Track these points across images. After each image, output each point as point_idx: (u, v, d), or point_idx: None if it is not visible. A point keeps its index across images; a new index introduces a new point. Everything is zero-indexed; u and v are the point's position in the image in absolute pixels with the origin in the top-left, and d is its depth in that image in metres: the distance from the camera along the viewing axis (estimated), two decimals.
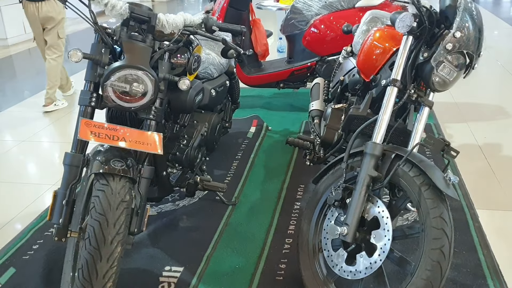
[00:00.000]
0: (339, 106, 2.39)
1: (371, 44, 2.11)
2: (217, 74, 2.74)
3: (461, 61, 1.79)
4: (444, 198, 1.62)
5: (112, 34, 1.86)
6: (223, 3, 3.73)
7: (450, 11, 1.78)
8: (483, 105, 4.10)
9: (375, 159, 1.74)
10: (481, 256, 2.12)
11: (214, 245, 2.26)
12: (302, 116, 3.88)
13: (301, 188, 2.78)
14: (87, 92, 1.81)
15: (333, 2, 3.57)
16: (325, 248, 1.86)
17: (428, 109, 1.88)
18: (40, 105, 4.39)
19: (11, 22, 7.03)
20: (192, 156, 2.31)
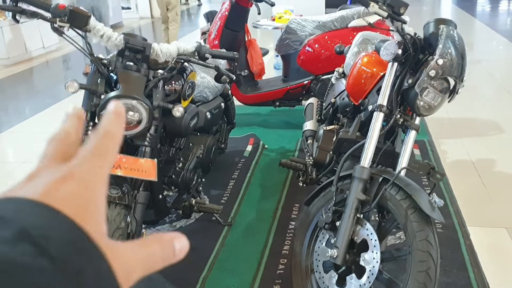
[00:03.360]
0: (330, 128, 2.45)
1: (359, 69, 2.18)
2: (212, 97, 2.80)
3: (445, 86, 1.85)
4: (430, 221, 1.67)
5: (108, 64, 1.93)
6: (219, 24, 3.81)
7: (433, 38, 1.84)
8: (477, 121, 4.16)
9: (363, 182, 1.80)
10: (471, 275, 2.16)
11: (210, 267, 2.31)
12: (298, 134, 3.93)
13: (296, 208, 2.82)
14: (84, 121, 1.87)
15: (327, 22, 3.65)
16: (317, 270, 1.91)
17: (415, 132, 1.94)
18: (42, 124, 4.46)
19: (12, 42, 7.14)
20: (188, 178, 2.36)
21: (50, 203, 0.29)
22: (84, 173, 0.32)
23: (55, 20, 1.85)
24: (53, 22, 1.86)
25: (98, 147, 0.34)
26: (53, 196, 0.29)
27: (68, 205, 0.29)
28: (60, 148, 0.35)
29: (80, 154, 0.33)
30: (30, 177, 0.33)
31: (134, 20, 11.76)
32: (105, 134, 0.35)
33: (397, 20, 1.81)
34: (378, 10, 1.77)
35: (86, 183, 0.31)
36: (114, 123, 0.36)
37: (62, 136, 0.36)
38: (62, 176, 0.31)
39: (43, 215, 0.28)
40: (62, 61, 7.70)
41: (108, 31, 1.93)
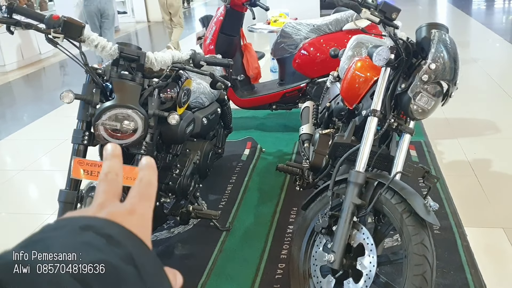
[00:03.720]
0: (326, 132, 2.46)
1: (353, 74, 2.19)
2: (208, 103, 2.81)
3: (438, 89, 1.86)
4: (426, 225, 1.68)
5: (103, 74, 1.94)
6: (215, 29, 3.82)
7: (425, 42, 1.85)
8: (473, 120, 4.17)
9: (359, 187, 1.81)
10: (469, 276, 2.18)
11: (208, 273, 2.31)
12: (295, 137, 3.94)
13: (294, 211, 2.83)
14: (80, 131, 1.88)
15: (321, 25, 3.67)
16: (315, 274, 1.92)
17: (409, 136, 1.95)
18: (39, 131, 4.47)
19: (8, 49, 7.15)
20: (185, 184, 2.37)
21: (126, 228, 0.40)
22: (141, 210, 0.44)
23: (50, 31, 1.86)
24: (47, 33, 1.87)
25: (145, 193, 0.46)
26: (125, 223, 0.41)
27: (135, 230, 0.40)
28: (112, 188, 0.46)
29: (134, 195, 0.45)
30: (100, 206, 0.43)
31: (130, 24, 11.77)
32: (147, 183, 0.47)
33: (389, 25, 1.82)
34: (370, 16, 1.78)
35: (144, 217, 0.44)
36: (152, 174, 0.48)
37: (113, 177, 0.47)
38: (128, 210, 0.43)
39: (130, 238, 0.39)
40: (59, 67, 7.72)
41: (103, 41, 1.94)
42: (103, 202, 0.44)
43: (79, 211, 0.43)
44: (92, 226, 0.38)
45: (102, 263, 0.34)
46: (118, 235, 0.38)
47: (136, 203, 0.44)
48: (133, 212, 0.43)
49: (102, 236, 0.37)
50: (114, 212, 0.42)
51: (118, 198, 0.46)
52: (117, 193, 0.46)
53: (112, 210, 0.42)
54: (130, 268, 0.36)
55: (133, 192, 0.45)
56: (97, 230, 0.37)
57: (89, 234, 0.36)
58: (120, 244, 0.37)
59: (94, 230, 0.37)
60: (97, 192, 0.46)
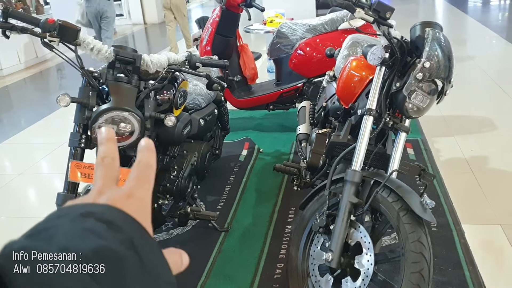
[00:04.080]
0: (323, 131, 2.47)
1: (349, 73, 2.20)
2: (205, 104, 2.82)
3: (433, 88, 1.87)
4: (422, 223, 1.69)
5: (99, 77, 1.94)
6: (211, 30, 3.82)
7: (419, 41, 1.86)
8: (470, 118, 4.18)
9: (355, 186, 1.82)
10: (467, 273, 2.18)
11: (207, 273, 2.32)
12: (292, 137, 3.94)
13: (292, 211, 2.84)
14: (77, 134, 1.89)
15: (317, 25, 3.67)
16: (313, 273, 1.92)
17: (405, 134, 1.96)
18: (37, 135, 4.47)
19: (5, 53, 7.15)
20: (182, 186, 2.37)
21: (126, 212, 0.41)
22: (140, 193, 0.44)
23: (45, 35, 1.87)
24: (43, 37, 1.87)
25: (144, 175, 0.46)
26: (125, 207, 0.41)
27: (134, 214, 0.41)
28: (109, 173, 0.46)
29: (132, 179, 0.45)
30: (98, 193, 0.44)
31: (127, 26, 11.78)
32: (146, 164, 0.47)
33: (383, 24, 1.83)
34: (364, 15, 1.79)
35: (143, 200, 0.44)
36: (151, 156, 0.48)
37: (109, 161, 0.47)
38: (126, 193, 0.44)
39: (130, 222, 0.40)
40: (56, 70, 7.72)
41: (98, 44, 1.94)
42: (101, 188, 0.44)
43: (80, 199, 0.43)
44: (92, 212, 0.38)
45: (103, 249, 0.35)
46: (118, 221, 0.39)
47: (135, 187, 0.44)
48: (132, 196, 0.43)
49: (103, 222, 0.37)
50: (113, 198, 0.42)
51: (116, 183, 0.46)
52: (115, 177, 0.46)
53: (111, 196, 0.43)
54: (130, 253, 0.36)
55: (131, 175, 0.46)
56: (97, 217, 0.38)
57: (90, 221, 0.37)
58: (120, 230, 0.38)
59: (95, 216, 0.38)
60: (95, 178, 0.46)
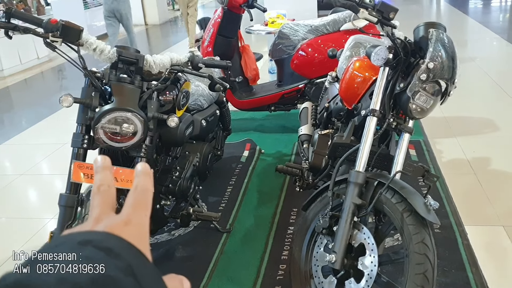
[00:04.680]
0: (325, 132, 2.46)
1: (352, 74, 2.19)
2: (207, 105, 2.81)
3: (437, 88, 1.86)
4: (426, 224, 1.69)
5: (101, 77, 1.94)
6: (212, 31, 3.82)
7: (423, 42, 1.86)
8: (472, 119, 4.18)
9: (359, 187, 1.81)
10: (470, 274, 2.18)
11: (209, 275, 2.31)
12: (294, 138, 3.94)
13: (294, 212, 2.83)
14: (79, 134, 1.88)
15: (319, 26, 3.67)
16: (316, 275, 1.92)
17: (409, 135, 1.95)
18: (38, 136, 4.47)
19: (6, 54, 7.15)
20: (184, 187, 2.37)
21: (125, 239, 0.40)
22: (137, 219, 0.44)
23: (48, 35, 1.86)
24: (46, 37, 1.87)
25: (141, 200, 0.46)
26: (123, 234, 0.41)
27: (132, 241, 0.41)
28: (106, 200, 0.46)
29: (129, 205, 0.45)
30: (96, 220, 0.44)
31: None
32: (142, 189, 0.47)
33: (387, 25, 1.82)
34: (368, 16, 1.78)
35: (140, 226, 0.44)
36: (147, 181, 0.48)
37: (106, 189, 0.47)
38: (124, 220, 0.43)
39: (128, 249, 0.40)
40: (57, 71, 7.71)
41: (101, 45, 1.94)
42: (98, 215, 0.44)
43: (77, 228, 0.43)
44: (90, 240, 0.38)
45: (102, 278, 0.34)
46: (117, 247, 0.38)
47: (132, 213, 0.44)
48: (130, 223, 0.43)
49: (101, 249, 0.37)
50: (111, 225, 0.42)
51: (113, 210, 0.46)
52: (111, 204, 0.46)
53: (109, 223, 0.42)
54: (129, 280, 0.36)
55: (128, 201, 0.46)
56: (96, 244, 0.38)
57: (88, 249, 0.37)
58: (119, 256, 0.37)
59: (93, 244, 0.37)
60: (92, 206, 0.46)
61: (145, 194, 0.47)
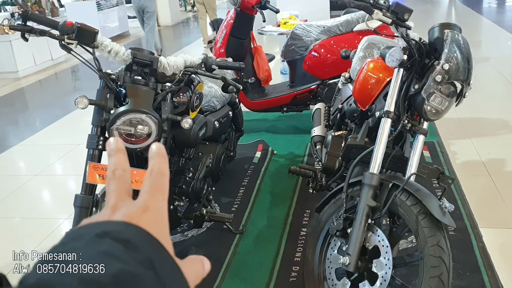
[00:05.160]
0: (339, 133, 2.45)
1: (366, 75, 2.18)
2: (220, 106, 2.82)
3: (452, 90, 1.85)
4: (441, 226, 1.67)
5: (116, 79, 1.95)
6: (225, 32, 3.83)
7: (438, 42, 1.84)
8: (486, 120, 4.13)
9: (373, 189, 1.80)
10: (485, 277, 2.15)
11: (222, 276, 2.32)
12: (306, 139, 3.93)
13: (307, 214, 2.83)
14: (94, 136, 1.90)
15: (332, 27, 3.66)
16: (329, 277, 1.91)
17: (423, 136, 1.94)
18: (53, 137, 4.52)
19: (21, 55, 7.23)
20: (198, 188, 2.38)
21: (143, 227, 0.40)
22: (155, 205, 0.43)
23: (63, 38, 1.88)
24: (61, 40, 1.89)
25: (157, 184, 0.44)
26: (141, 222, 0.40)
27: (151, 228, 0.40)
28: (122, 186, 0.44)
29: (146, 190, 0.43)
30: (113, 209, 0.42)
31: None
32: (158, 173, 0.45)
33: (401, 26, 1.81)
34: (382, 17, 1.78)
35: (158, 212, 0.43)
36: (162, 163, 0.46)
37: (121, 173, 0.45)
38: (141, 207, 0.42)
39: (147, 239, 0.39)
40: (71, 72, 7.79)
41: (116, 47, 1.95)
42: (115, 203, 0.43)
43: (95, 217, 0.42)
44: (108, 232, 0.38)
45: (122, 274, 0.34)
46: (135, 239, 0.38)
47: (149, 199, 0.43)
48: (147, 209, 0.42)
49: (120, 241, 0.37)
50: (129, 213, 0.41)
51: (129, 195, 0.45)
52: (128, 190, 0.45)
53: (126, 211, 0.41)
54: (149, 273, 0.36)
55: (145, 186, 0.44)
56: (114, 236, 0.37)
57: (106, 242, 0.36)
58: (138, 249, 0.37)
59: (111, 236, 0.37)
60: (108, 193, 0.44)
61: (161, 177, 0.45)
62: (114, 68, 2.12)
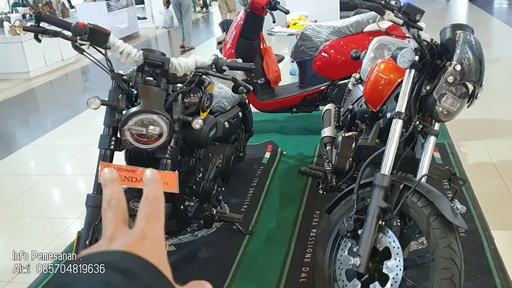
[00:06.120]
0: (349, 134, 2.45)
1: (377, 76, 2.18)
2: (230, 107, 2.83)
3: (464, 91, 1.84)
4: (453, 228, 1.67)
5: (128, 80, 1.97)
6: (235, 33, 3.84)
7: (450, 43, 1.83)
8: (497, 121, 4.10)
9: (384, 190, 1.80)
10: (497, 280, 2.14)
11: (232, 276, 2.32)
12: (316, 140, 3.93)
13: (316, 215, 2.83)
14: (106, 136, 1.91)
15: (342, 27, 3.65)
16: (340, 278, 1.91)
17: (435, 138, 1.93)
18: (63, 137, 4.55)
19: (32, 56, 7.29)
20: (208, 188, 2.38)
21: (141, 256, 0.40)
22: (152, 232, 0.43)
23: (76, 39, 1.90)
24: (74, 41, 1.90)
25: (153, 211, 0.45)
26: (139, 251, 0.40)
27: (149, 256, 0.40)
28: (118, 215, 0.45)
29: (142, 218, 0.44)
30: (110, 239, 0.43)
31: (150, 30, 11.91)
32: (154, 199, 0.45)
33: (413, 27, 1.81)
34: (394, 18, 1.77)
35: (156, 239, 0.43)
36: (157, 189, 0.46)
37: (116, 203, 0.46)
38: (139, 236, 0.42)
39: (145, 267, 0.39)
40: (81, 73, 7.84)
41: (127, 48, 1.97)
42: (112, 233, 0.43)
43: (93, 247, 0.43)
44: (107, 262, 0.38)
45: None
46: (134, 267, 0.38)
47: (146, 227, 0.43)
48: (145, 238, 0.42)
49: (119, 271, 0.37)
50: (126, 242, 0.41)
51: (126, 224, 0.45)
52: (124, 219, 0.45)
53: (124, 240, 0.42)
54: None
55: (141, 214, 0.45)
56: (112, 266, 0.37)
57: (105, 272, 0.37)
58: (137, 278, 0.37)
59: (110, 266, 0.37)
60: (105, 223, 0.45)
61: (156, 204, 0.45)
62: (124, 69, 2.14)
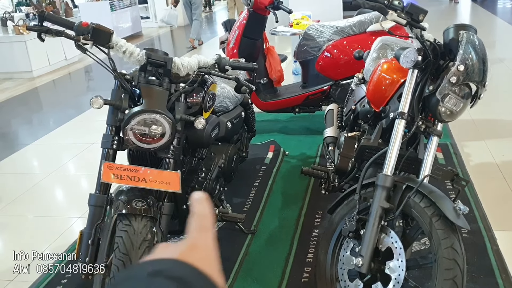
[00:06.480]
0: (352, 135, 2.45)
1: (380, 76, 2.17)
2: (233, 106, 2.83)
3: (467, 91, 1.84)
4: (455, 228, 1.66)
5: (131, 79, 1.97)
6: (238, 33, 3.84)
7: (453, 44, 1.83)
8: (500, 122, 4.09)
9: (387, 190, 1.79)
10: (500, 281, 2.13)
11: (234, 275, 2.32)
12: (318, 140, 3.93)
13: (319, 215, 2.82)
14: (109, 135, 1.91)
15: (345, 27, 3.65)
16: (342, 278, 1.91)
17: (437, 138, 1.93)
18: (66, 136, 4.56)
19: (35, 55, 7.31)
20: (210, 188, 2.39)
21: (193, 264, 0.42)
22: (203, 242, 0.47)
23: (79, 38, 1.90)
24: (77, 40, 1.91)
25: (202, 225, 0.49)
26: (191, 259, 0.43)
27: (201, 265, 0.42)
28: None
29: (193, 229, 0.48)
30: (161, 249, 0.46)
31: (153, 29, 11.93)
32: (202, 215, 0.51)
33: (416, 27, 1.80)
34: (397, 18, 1.77)
35: (207, 248, 0.46)
36: (205, 208, 0.51)
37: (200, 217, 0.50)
38: (190, 245, 0.45)
39: (198, 275, 0.41)
40: (84, 72, 7.86)
41: (130, 47, 1.97)
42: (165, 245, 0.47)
43: (153, 255, 0.45)
44: (161, 270, 0.39)
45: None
46: (188, 276, 0.39)
47: (197, 237, 0.47)
48: (196, 247, 0.45)
49: (173, 279, 0.38)
50: (179, 251, 0.44)
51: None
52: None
53: (177, 249, 0.44)
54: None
55: (191, 227, 0.49)
56: (166, 274, 0.38)
57: (158, 281, 0.38)
58: (191, 286, 0.38)
59: (164, 274, 0.38)
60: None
61: (204, 218, 0.50)
62: (127, 68, 2.14)
